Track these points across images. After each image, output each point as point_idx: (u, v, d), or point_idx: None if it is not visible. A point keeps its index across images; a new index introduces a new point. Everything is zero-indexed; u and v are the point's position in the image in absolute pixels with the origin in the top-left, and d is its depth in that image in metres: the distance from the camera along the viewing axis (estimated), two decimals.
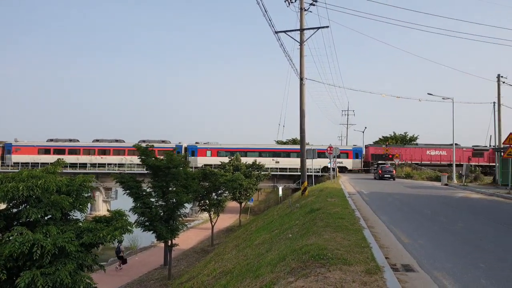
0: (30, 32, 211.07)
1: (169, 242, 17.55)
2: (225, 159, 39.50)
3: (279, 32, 19.65)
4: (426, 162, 44.77)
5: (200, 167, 36.70)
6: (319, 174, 41.50)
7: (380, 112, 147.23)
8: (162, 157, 18.15)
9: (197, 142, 47.39)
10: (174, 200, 17.13)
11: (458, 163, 37.79)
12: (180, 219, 17.83)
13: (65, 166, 42.95)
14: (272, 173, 42.38)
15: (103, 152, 46.15)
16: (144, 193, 17.33)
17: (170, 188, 17.67)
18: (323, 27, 20.14)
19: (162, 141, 45.37)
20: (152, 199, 17.36)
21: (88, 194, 10.92)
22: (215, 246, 23.27)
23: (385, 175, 32.85)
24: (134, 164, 42.21)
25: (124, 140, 47.10)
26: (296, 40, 20.38)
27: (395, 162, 40.66)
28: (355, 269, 5.41)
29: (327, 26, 20.20)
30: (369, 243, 7.19)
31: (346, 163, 44.79)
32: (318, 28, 20.16)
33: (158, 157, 18.46)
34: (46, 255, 7.66)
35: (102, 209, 41.72)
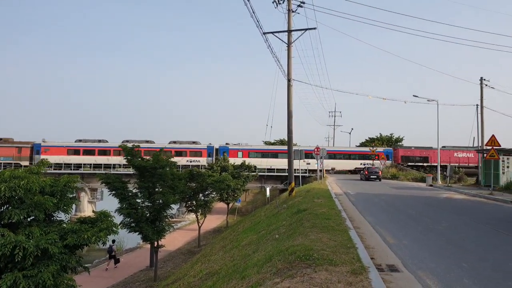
0: (30, 32, 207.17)
1: (155, 243, 17.41)
2: (256, 160, 41.57)
3: (267, 33, 19.70)
4: (454, 164, 45.16)
5: None
6: (306, 174, 41.82)
7: (366, 113, 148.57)
8: (148, 157, 18.02)
9: (227, 143, 47.82)
10: (160, 201, 17.00)
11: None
12: (166, 220, 17.69)
13: (95, 167, 42.84)
14: (260, 174, 42.57)
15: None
16: (130, 194, 17.17)
17: (156, 189, 17.54)
18: (311, 29, 20.27)
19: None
20: (138, 200, 17.22)
21: (73, 195, 10.79)
22: (202, 247, 23.16)
23: (371, 176, 33.18)
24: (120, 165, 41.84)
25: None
26: (284, 42, 20.46)
27: (381, 163, 41.12)
28: (340, 270, 5.44)
29: (315, 28, 20.35)
30: (355, 243, 7.25)
31: None
32: (306, 29, 20.26)
33: (144, 157, 18.33)
34: (28, 257, 7.53)
35: (87, 210, 41.33)
